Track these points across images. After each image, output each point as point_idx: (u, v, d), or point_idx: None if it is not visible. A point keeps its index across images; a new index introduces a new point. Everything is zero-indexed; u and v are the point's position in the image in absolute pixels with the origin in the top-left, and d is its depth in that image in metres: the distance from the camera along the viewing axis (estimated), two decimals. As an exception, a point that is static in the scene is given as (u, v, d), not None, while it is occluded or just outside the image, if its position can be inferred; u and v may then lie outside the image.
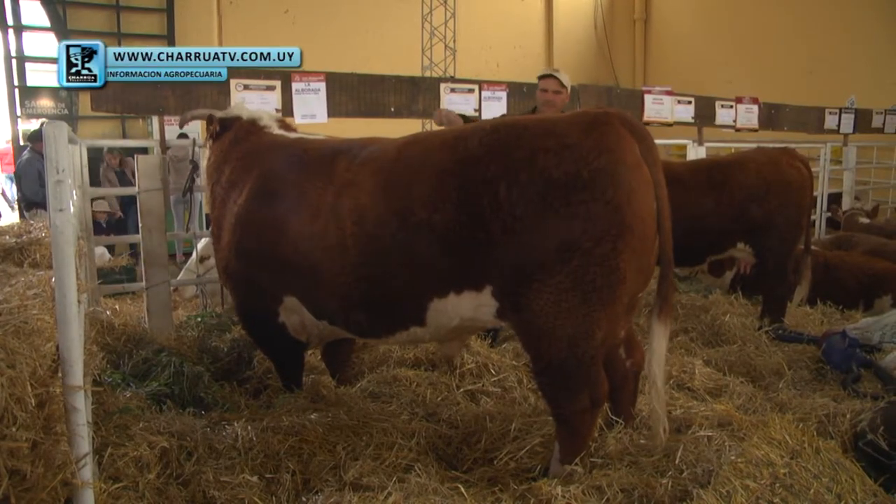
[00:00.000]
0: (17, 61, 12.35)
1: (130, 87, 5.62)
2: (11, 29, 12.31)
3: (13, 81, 12.33)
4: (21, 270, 2.77)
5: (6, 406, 1.94)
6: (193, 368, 4.32)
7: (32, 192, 9.35)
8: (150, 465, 3.07)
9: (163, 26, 13.21)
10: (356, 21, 14.15)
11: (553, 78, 5.17)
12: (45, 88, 12.83)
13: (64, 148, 2.26)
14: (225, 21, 13.63)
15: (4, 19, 12.22)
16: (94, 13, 13.04)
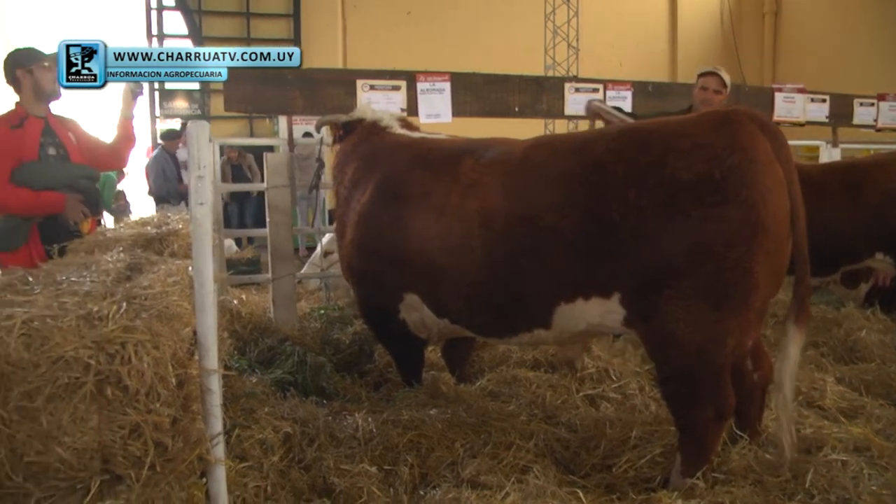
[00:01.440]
0: None
1: (261, 88, 5.86)
2: (155, 37, 13.19)
3: (154, 85, 13.20)
4: (161, 259, 2.92)
5: (152, 384, 2.06)
6: (316, 359, 4.46)
7: (157, 187, 9.98)
8: (274, 448, 3.19)
9: (289, 30, 13.73)
10: (478, 21, 14.16)
11: (715, 76, 4.93)
12: (180, 91, 13.69)
13: (205, 146, 2.38)
14: (349, 24, 13.99)
15: (149, 28, 13.13)
16: (225, 20, 13.74)
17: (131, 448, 2.10)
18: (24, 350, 2.01)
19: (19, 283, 2.46)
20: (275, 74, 6.09)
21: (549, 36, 13.46)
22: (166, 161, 10.07)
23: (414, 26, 13.89)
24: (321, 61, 12.15)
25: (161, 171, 9.95)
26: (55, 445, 2.06)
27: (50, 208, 3.99)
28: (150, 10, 13.38)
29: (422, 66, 6.59)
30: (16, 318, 2.05)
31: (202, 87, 13.61)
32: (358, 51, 13.73)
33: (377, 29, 13.73)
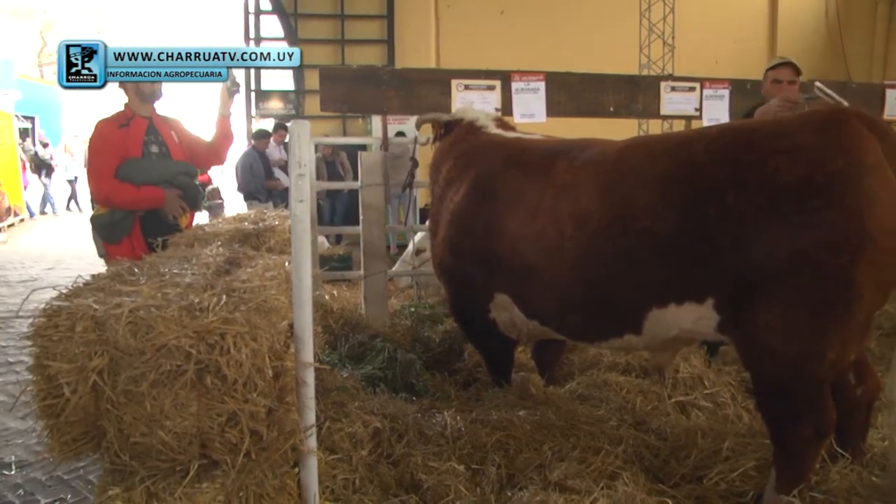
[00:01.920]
0: (254, 69, 13.76)
1: (357, 88, 5.97)
2: (252, 40, 13.67)
3: (250, 86, 13.68)
4: (259, 254, 3.01)
5: (249, 374, 2.13)
6: (406, 356, 4.51)
7: (245, 183, 10.34)
8: (363, 442, 3.24)
9: (383, 31, 13.91)
10: (571, 19, 13.96)
11: (788, 65, 4.67)
12: (276, 92, 14.13)
13: (306, 145, 2.43)
14: (442, 24, 14.05)
15: (247, 32, 13.63)
16: (320, 23, 14.05)
17: (228, 435, 2.18)
18: (131, 337, 2.10)
19: (126, 273, 2.58)
20: (370, 74, 6.20)
21: (644, 34, 13.19)
22: (255, 159, 10.45)
23: (507, 25, 13.81)
24: (414, 61, 12.27)
25: (249, 167, 10.33)
26: (158, 429, 2.16)
27: (150, 203, 4.16)
28: (248, 15, 13.89)
29: (514, 66, 6.58)
30: (124, 307, 2.15)
31: (297, 87, 14.00)
32: (451, 50, 13.78)
33: (470, 28, 13.72)
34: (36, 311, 2.26)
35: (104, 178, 4.11)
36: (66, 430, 2.23)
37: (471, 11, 13.98)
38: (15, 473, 4.18)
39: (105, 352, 2.13)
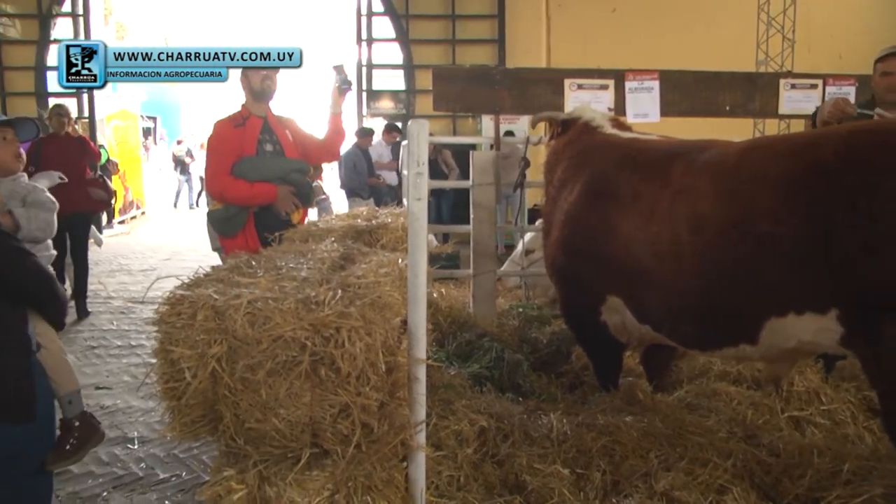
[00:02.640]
0: (366, 69, 14.05)
1: (470, 88, 6.00)
2: (364, 41, 13.95)
3: (361, 86, 13.97)
4: (372, 251, 3.06)
5: (363, 368, 2.17)
6: (513, 356, 4.49)
7: (348, 180, 10.54)
8: (468, 440, 3.24)
9: (494, 31, 13.89)
10: (685, 16, 13.44)
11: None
12: (386, 91, 14.37)
13: (425, 144, 2.46)
14: (553, 23, 13.88)
15: (359, 33, 13.92)
16: (431, 23, 14.16)
17: (340, 426, 2.22)
18: (249, 327, 2.18)
19: (244, 266, 2.68)
20: (483, 74, 6.21)
21: (762, 28, 12.60)
22: (359, 157, 10.65)
23: (619, 23, 13.46)
24: (525, 61, 12.19)
25: (353, 165, 10.53)
26: (272, 416, 2.23)
27: (263, 199, 4.27)
28: (361, 16, 14.15)
29: (626, 65, 6.44)
30: (242, 298, 2.23)
31: (408, 87, 14.18)
32: (562, 50, 13.58)
33: (582, 27, 13.46)
34: (160, 298, 2.38)
35: (219, 176, 4.27)
36: (186, 412, 2.33)
37: (582, 10, 13.73)
38: (138, 448, 4.43)
39: (224, 340, 2.21)
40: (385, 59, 14.51)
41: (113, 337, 7.21)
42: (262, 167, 4.30)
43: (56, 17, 14.15)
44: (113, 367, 6.19)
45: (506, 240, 10.57)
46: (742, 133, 8.07)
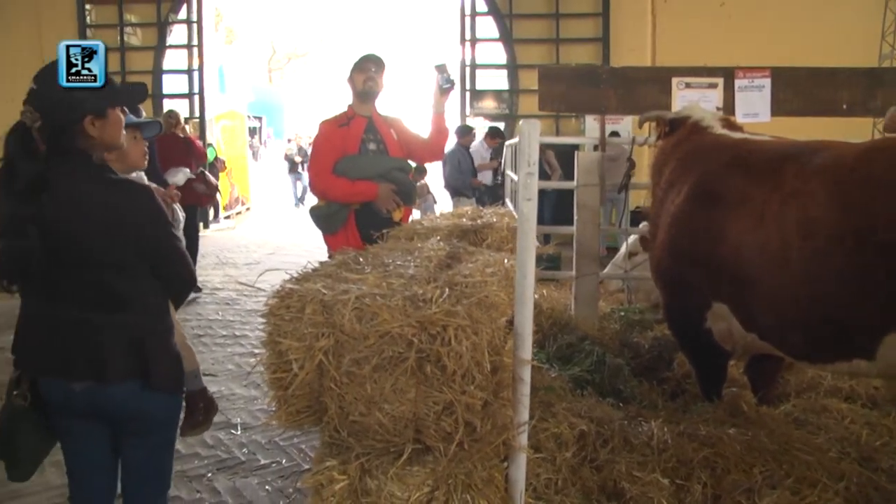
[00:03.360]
0: (469, 69, 14.11)
1: (575, 87, 5.93)
2: (468, 42, 13.98)
3: (465, 86, 14.04)
4: (478, 250, 3.06)
5: (468, 367, 2.17)
6: (614, 360, 4.43)
7: (453, 180, 10.54)
8: (568, 443, 3.21)
9: (598, 29, 13.68)
10: (798, 8, 12.74)
11: None
12: (489, 91, 14.39)
13: (536, 144, 2.44)
14: (658, 20, 13.53)
15: (463, 34, 13.98)
16: (535, 22, 14.07)
17: (443, 423, 2.24)
18: (357, 322, 2.21)
19: (352, 262, 2.72)
20: (589, 73, 6.13)
21: (891, 18, 11.86)
22: (462, 155, 10.64)
23: (727, 18, 12.91)
24: (629, 59, 11.96)
25: (457, 164, 10.53)
26: (376, 410, 2.26)
27: (363, 196, 4.33)
28: (465, 16, 14.22)
29: (736, 62, 6.23)
30: (350, 294, 2.27)
31: (511, 86, 14.15)
32: (667, 48, 13.19)
33: (688, 23, 13.00)
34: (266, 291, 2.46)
35: (322, 174, 4.37)
36: (291, 402, 2.39)
37: (689, 5, 13.28)
38: (241, 434, 4.59)
39: (331, 334, 2.25)
40: (489, 59, 14.52)
41: (218, 326, 7.50)
42: (363, 165, 4.36)
43: (172, 24, 14.87)
44: (218, 355, 6.44)
45: (607, 242, 10.42)
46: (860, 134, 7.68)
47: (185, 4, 14.89)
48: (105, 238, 2.33)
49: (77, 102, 2.36)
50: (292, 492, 3.84)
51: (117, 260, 2.36)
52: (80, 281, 2.33)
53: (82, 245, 2.31)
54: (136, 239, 2.38)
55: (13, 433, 2.38)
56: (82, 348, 2.35)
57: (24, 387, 2.38)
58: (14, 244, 2.25)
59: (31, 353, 2.40)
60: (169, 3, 14.77)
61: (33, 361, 2.40)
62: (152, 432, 2.57)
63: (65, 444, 2.54)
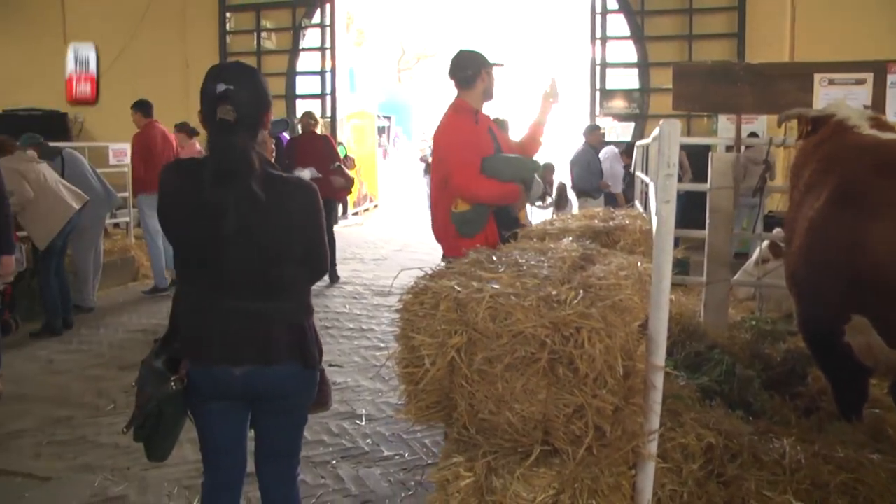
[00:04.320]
0: (599, 68, 13.95)
1: (710, 85, 5.73)
2: (598, 40, 13.75)
3: (595, 85, 13.84)
4: (611, 252, 3.02)
5: (600, 371, 2.14)
6: (745, 371, 4.26)
7: (581, 180, 10.35)
8: (695, 455, 3.10)
9: (733, 24, 13.11)
10: None
11: None
12: (620, 91, 14.11)
13: (676, 145, 2.38)
14: (798, 13, 12.78)
15: (593, 32, 13.75)
16: (667, 19, 13.65)
17: (573, 427, 2.21)
18: (490, 321, 2.22)
19: (485, 261, 2.73)
20: (725, 71, 5.91)
21: None
22: (591, 156, 10.42)
23: (874, 8, 12.05)
24: (766, 55, 11.38)
25: (586, 164, 10.34)
26: (506, 409, 2.26)
27: (511, 198, 4.25)
28: (595, 14, 14.00)
29: (886, 55, 5.84)
30: (485, 292, 2.28)
31: (642, 85, 13.82)
32: (807, 42, 12.42)
33: (830, 14, 12.17)
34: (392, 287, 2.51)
35: (473, 174, 4.17)
36: (421, 397, 2.42)
37: (831, -4, 12.49)
38: (365, 424, 4.70)
39: (464, 331, 2.27)
40: (619, 58, 14.26)
41: (346, 319, 7.72)
42: (516, 166, 4.26)
43: (306, 28, 15.49)
44: (345, 347, 6.62)
45: (738, 247, 10.03)
46: None
47: (318, 9, 15.51)
48: (279, 232, 2.47)
49: (266, 100, 2.55)
50: (413, 485, 3.90)
51: (285, 251, 2.50)
52: (251, 272, 2.45)
53: (257, 238, 2.44)
54: (302, 232, 2.53)
55: (163, 416, 2.51)
56: (251, 336, 2.49)
57: (182, 372, 2.50)
58: (198, 233, 2.38)
59: (199, 342, 2.51)
60: (304, 9, 15.43)
61: (201, 350, 2.51)
62: (295, 410, 2.71)
63: (204, 424, 2.67)
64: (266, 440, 2.74)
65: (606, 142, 12.30)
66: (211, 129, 2.44)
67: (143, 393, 2.51)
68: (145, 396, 2.50)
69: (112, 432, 4.72)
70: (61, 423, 4.96)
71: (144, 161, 8.90)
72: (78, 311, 7.94)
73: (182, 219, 2.44)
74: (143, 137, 9.02)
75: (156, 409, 2.48)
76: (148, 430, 2.53)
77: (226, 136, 2.39)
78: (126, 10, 15.53)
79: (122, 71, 15.58)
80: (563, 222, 3.81)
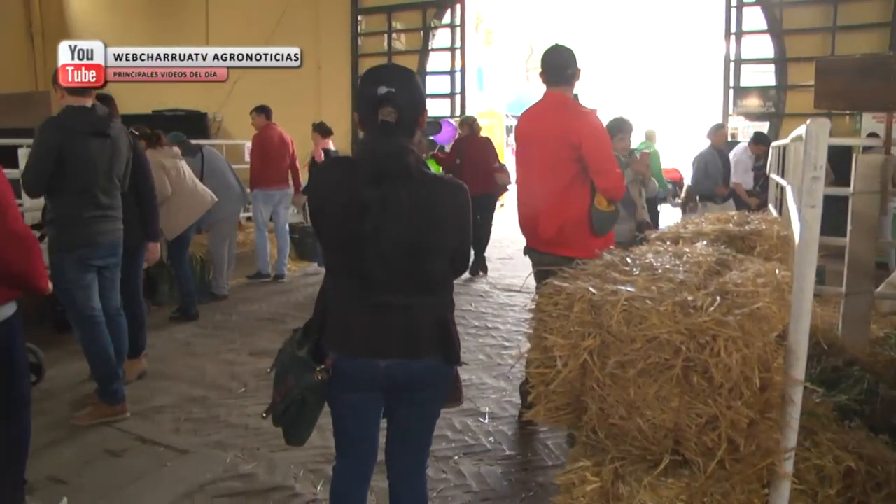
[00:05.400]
0: (734, 64, 13.37)
1: (858, 82, 5.41)
2: (733, 35, 13.22)
3: (728, 83, 13.31)
4: (747, 258, 2.90)
5: (736, 381, 2.06)
6: (889, 392, 3.97)
7: (698, 184, 9.94)
8: (832, 479, 2.91)
9: (886, 12, 12.14)
10: None
11: None
12: (755, 88, 13.48)
13: (824, 146, 2.26)
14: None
15: (728, 27, 13.25)
16: (808, 10, 12.86)
17: (705, 438, 2.14)
18: (624, 324, 2.18)
19: (620, 263, 2.69)
20: (877, 65, 5.57)
21: None
22: (711, 158, 9.84)
23: None
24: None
25: (703, 167, 9.83)
26: (637, 416, 2.21)
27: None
28: (730, 8, 13.45)
29: None
30: (619, 295, 2.24)
31: (779, 83, 13.15)
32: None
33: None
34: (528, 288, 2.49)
35: (618, 173, 4.29)
36: (551, 399, 2.40)
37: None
38: (488, 422, 4.71)
39: (598, 334, 2.24)
40: (754, 53, 13.65)
41: (471, 317, 7.77)
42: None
43: (436, 28, 15.74)
44: (470, 344, 6.65)
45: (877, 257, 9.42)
46: None
47: (448, 10, 15.67)
48: (432, 230, 2.50)
49: (423, 102, 2.62)
50: (534, 486, 3.88)
51: (436, 249, 2.54)
52: (402, 268, 2.49)
53: (410, 235, 2.46)
54: (454, 231, 2.58)
55: (307, 404, 2.58)
56: (400, 330, 2.53)
57: (327, 364, 2.56)
58: (352, 230, 2.44)
59: (347, 334, 2.57)
60: (434, 10, 15.63)
61: (348, 342, 2.57)
62: (431, 403, 2.75)
63: (341, 413, 2.74)
64: (399, 431, 2.79)
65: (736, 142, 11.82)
66: (371, 130, 2.49)
67: (285, 381, 2.60)
68: (288, 384, 2.58)
69: (242, 414, 4.96)
70: (197, 401, 5.24)
71: (261, 159, 9.50)
72: (213, 299, 8.43)
73: (336, 215, 2.49)
74: (262, 138, 9.66)
75: (299, 397, 2.55)
76: (290, 417, 2.60)
77: (387, 137, 2.44)
78: (263, 13, 16.22)
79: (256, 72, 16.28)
80: (696, 225, 3.69)
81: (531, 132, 4.42)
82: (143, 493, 3.85)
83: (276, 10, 16.04)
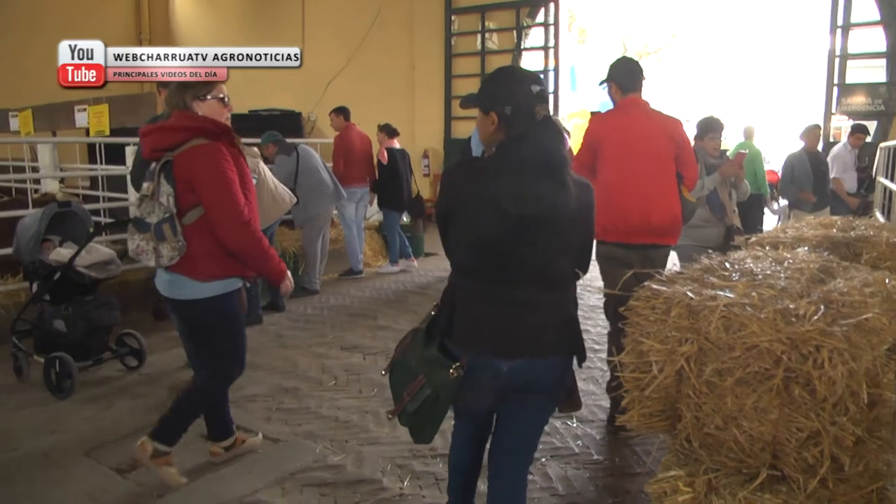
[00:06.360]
0: (839, 60, 12.55)
1: None
2: (840, 28, 12.51)
3: (833, 80, 12.60)
4: (853, 266, 2.78)
5: (841, 395, 1.98)
6: None
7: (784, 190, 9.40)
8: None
9: None
10: None
11: None
12: (862, 85, 12.70)
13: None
14: None
15: (834, 20, 12.51)
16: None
17: (805, 454, 2.07)
18: (723, 331, 2.12)
19: (719, 268, 2.62)
20: None
21: None
22: (799, 163, 9.15)
23: None
24: None
25: (790, 171, 9.19)
26: (733, 426, 2.15)
27: None
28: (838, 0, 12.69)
29: None
30: (719, 301, 2.19)
31: (889, 78, 12.35)
32: None
33: None
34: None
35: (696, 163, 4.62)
36: (645, 404, 2.37)
37: None
38: (577, 426, 4.66)
39: (695, 340, 2.19)
40: (863, 48, 12.89)
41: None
42: None
43: (530, 27, 15.62)
44: (560, 347, 6.58)
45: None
46: None
47: (542, 8, 15.51)
48: (567, 227, 2.45)
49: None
50: (622, 492, 3.81)
51: (568, 245, 2.49)
52: (538, 263, 2.45)
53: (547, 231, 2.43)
54: (585, 227, 2.53)
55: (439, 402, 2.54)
56: (528, 328, 2.48)
57: (463, 362, 2.49)
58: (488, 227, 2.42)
59: (479, 333, 2.53)
60: (527, 9, 15.51)
61: (479, 341, 2.53)
62: (545, 404, 2.68)
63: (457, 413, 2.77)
64: (507, 433, 2.73)
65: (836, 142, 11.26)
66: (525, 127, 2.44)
67: (415, 380, 2.57)
68: (419, 383, 2.56)
69: (333, 406, 5.04)
70: (289, 392, 5.37)
71: (344, 159, 9.69)
72: (305, 293, 8.61)
73: (471, 214, 2.46)
74: (343, 138, 9.91)
75: (433, 395, 2.53)
76: (423, 415, 2.58)
77: (546, 133, 2.43)
78: (358, 14, 16.50)
79: (351, 71, 16.58)
80: (796, 230, 3.56)
81: (632, 132, 4.46)
82: (236, 478, 3.98)
83: (371, 11, 16.29)
